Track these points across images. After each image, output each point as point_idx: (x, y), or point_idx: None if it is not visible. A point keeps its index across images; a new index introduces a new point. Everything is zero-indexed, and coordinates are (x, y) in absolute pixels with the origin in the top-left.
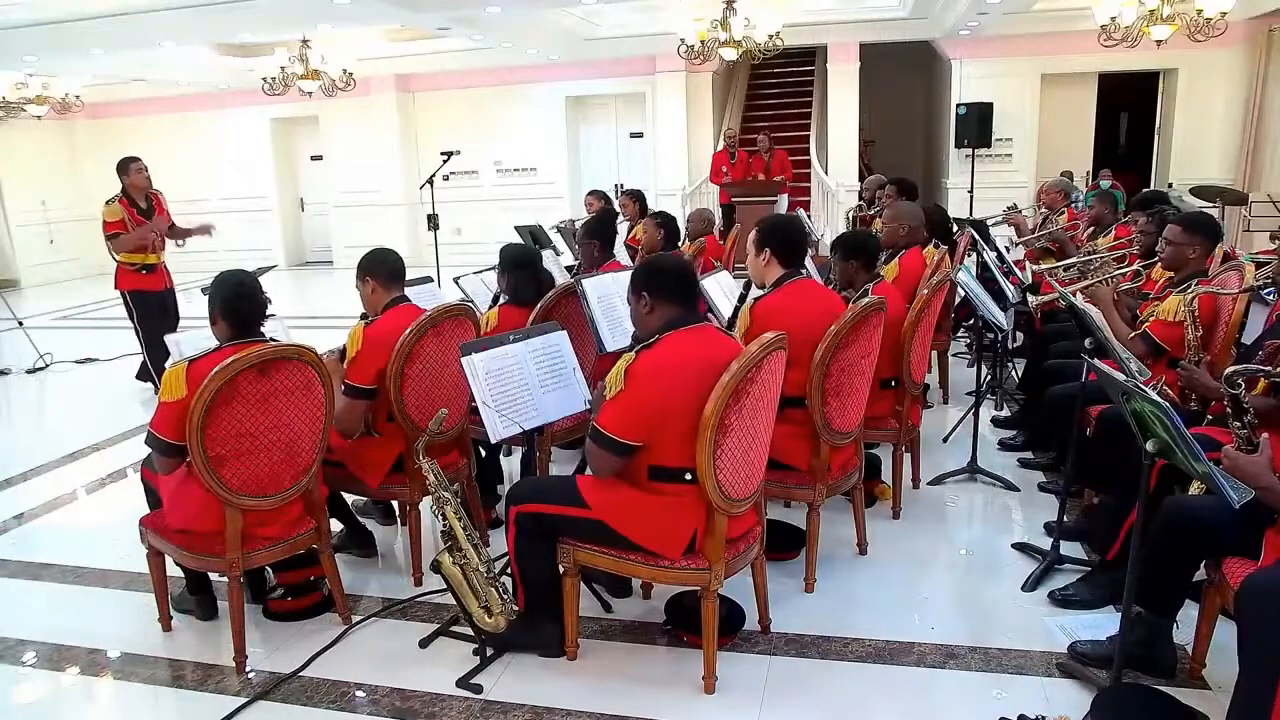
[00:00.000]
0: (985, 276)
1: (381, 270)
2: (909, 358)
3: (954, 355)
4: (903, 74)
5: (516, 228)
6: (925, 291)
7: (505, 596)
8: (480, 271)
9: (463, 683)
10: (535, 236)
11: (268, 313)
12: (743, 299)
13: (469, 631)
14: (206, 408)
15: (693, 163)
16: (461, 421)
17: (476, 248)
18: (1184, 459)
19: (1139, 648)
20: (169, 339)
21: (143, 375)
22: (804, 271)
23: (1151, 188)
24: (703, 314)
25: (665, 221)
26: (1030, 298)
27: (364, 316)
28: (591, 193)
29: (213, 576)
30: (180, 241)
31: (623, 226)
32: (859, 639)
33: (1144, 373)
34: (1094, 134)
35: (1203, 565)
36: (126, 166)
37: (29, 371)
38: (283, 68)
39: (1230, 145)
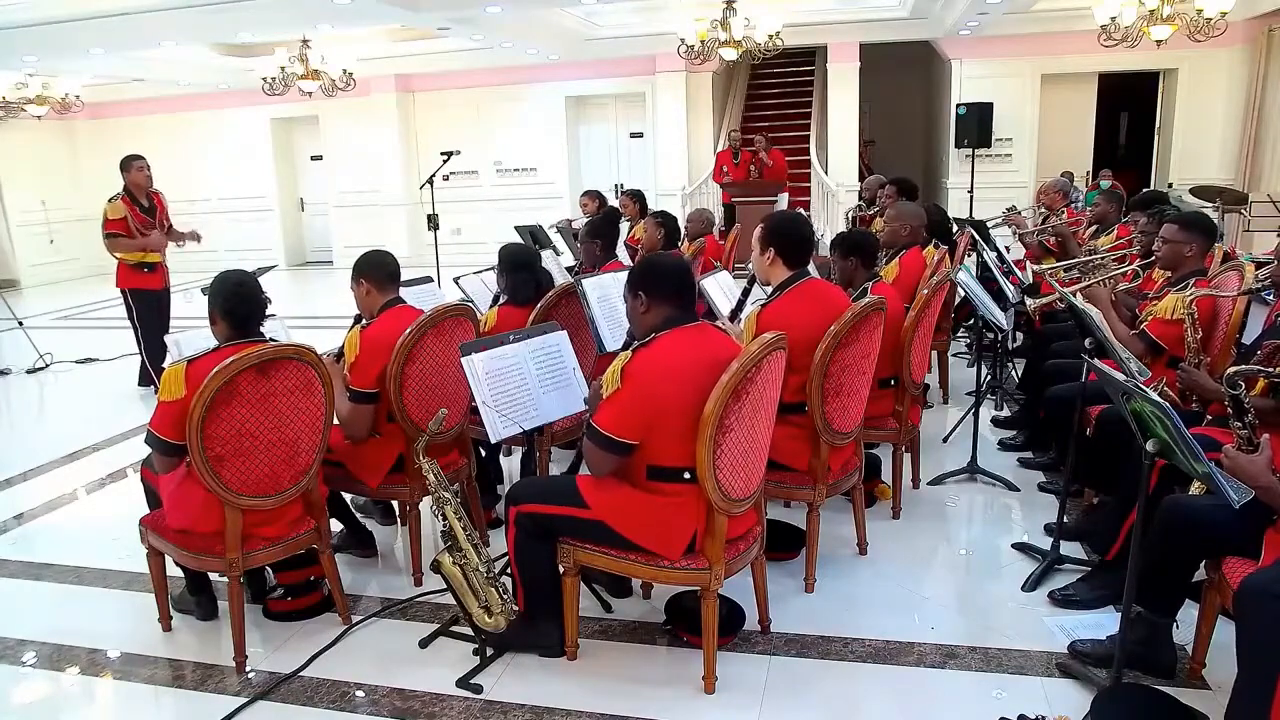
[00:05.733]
0: (985, 276)
1: (376, 272)
2: (909, 357)
3: (954, 355)
4: (903, 74)
5: (516, 228)
6: (925, 291)
7: (505, 596)
8: (480, 271)
9: (463, 683)
10: (535, 236)
11: (268, 313)
12: (746, 295)
13: (469, 631)
14: (206, 408)
15: (692, 163)
16: (461, 421)
17: (476, 248)
18: (1184, 459)
19: (1139, 648)
20: (168, 339)
21: (144, 380)
22: (809, 272)
23: (1151, 188)
24: (701, 314)
25: (666, 221)
26: (1029, 301)
27: (358, 319)
28: (586, 193)
29: (213, 576)
30: (180, 243)
31: (623, 226)
32: (859, 639)
33: (1144, 373)
34: (1094, 134)
35: (1203, 565)
36: (129, 164)
37: (29, 371)
38: (283, 68)
39: (1230, 145)
